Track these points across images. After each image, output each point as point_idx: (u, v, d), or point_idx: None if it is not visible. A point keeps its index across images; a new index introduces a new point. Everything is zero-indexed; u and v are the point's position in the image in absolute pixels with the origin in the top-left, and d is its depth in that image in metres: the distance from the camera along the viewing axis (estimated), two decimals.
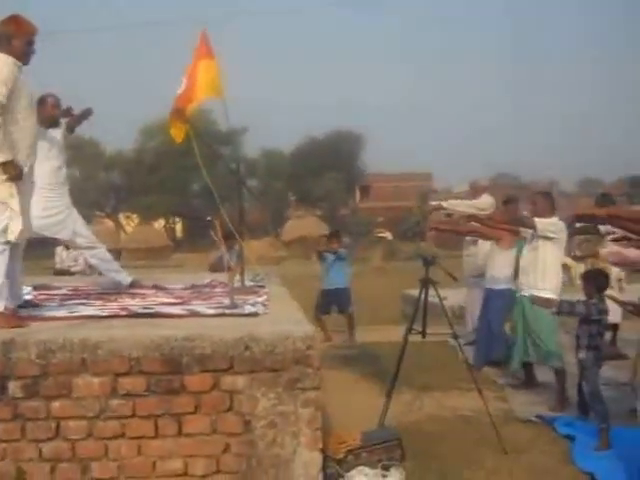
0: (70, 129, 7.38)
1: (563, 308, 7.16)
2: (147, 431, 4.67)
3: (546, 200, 8.24)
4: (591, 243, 9.55)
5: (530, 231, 8.05)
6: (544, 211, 8.08)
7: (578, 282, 11.03)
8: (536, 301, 7.68)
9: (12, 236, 5.27)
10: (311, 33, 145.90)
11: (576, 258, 12.25)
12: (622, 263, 7.02)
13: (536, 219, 7.90)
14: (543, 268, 7.85)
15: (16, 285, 5.75)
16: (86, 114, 7.45)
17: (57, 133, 7.21)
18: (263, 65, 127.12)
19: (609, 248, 7.37)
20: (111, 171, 57.06)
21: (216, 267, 11.62)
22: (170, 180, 52.33)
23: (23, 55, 5.48)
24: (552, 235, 7.87)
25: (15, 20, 5.55)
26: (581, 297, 7.09)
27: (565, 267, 9.51)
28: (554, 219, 8.00)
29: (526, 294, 7.97)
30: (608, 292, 7.35)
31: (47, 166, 7.02)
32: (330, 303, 11.89)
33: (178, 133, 7.07)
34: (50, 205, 7.08)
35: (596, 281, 7.06)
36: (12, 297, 5.69)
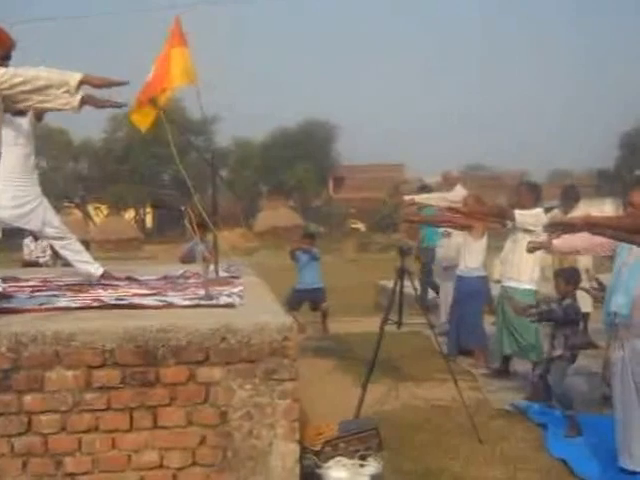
0: (39, 117, 7.24)
1: (542, 316, 7.24)
2: (122, 424, 4.59)
3: (530, 191, 8.36)
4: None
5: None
6: (527, 202, 8.18)
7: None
8: (516, 310, 7.70)
9: None
10: (282, 21, 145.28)
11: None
12: (570, 251, 7.10)
13: (516, 211, 7.96)
14: (520, 260, 7.94)
15: None
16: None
17: (24, 121, 7.00)
18: (233, 53, 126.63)
19: (561, 239, 7.42)
20: (80, 161, 56.57)
21: (186, 258, 11.57)
22: (140, 170, 52.03)
23: None
24: (531, 227, 7.94)
25: None
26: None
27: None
28: (536, 210, 8.07)
29: (506, 285, 8.02)
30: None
31: (15, 154, 6.84)
32: (302, 301, 11.90)
33: (143, 120, 6.95)
34: (19, 194, 6.93)
35: (572, 279, 7.13)
36: None
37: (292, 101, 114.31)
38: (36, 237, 15.33)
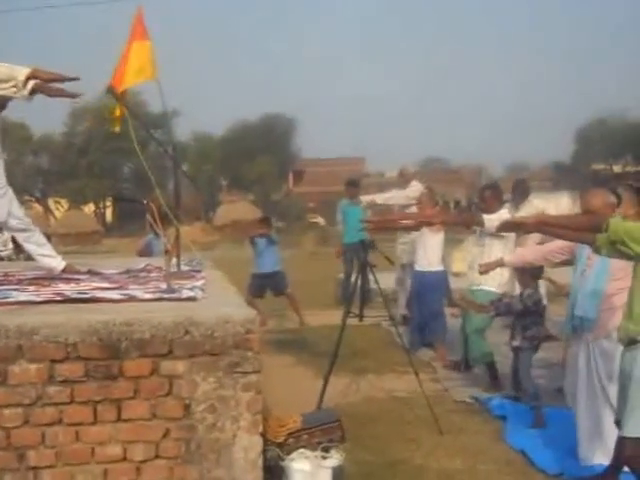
0: (1, 105, 7.10)
1: (500, 310, 7.33)
2: (85, 417, 4.58)
3: (494, 194, 8.29)
4: None
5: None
6: (492, 206, 8.11)
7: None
8: (471, 307, 7.75)
9: None
10: (240, 13, 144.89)
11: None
12: (522, 265, 7.16)
13: (485, 217, 7.81)
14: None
15: None
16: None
17: None
18: (193, 46, 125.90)
19: (512, 255, 7.51)
20: (40, 155, 56.09)
21: (143, 252, 11.56)
22: (99, 164, 51.72)
23: None
24: (499, 232, 7.85)
25: None
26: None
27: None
28: (502, 212, 8.04)
29: (474, 289, 8.05)
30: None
31: None
32: (264, 286, 11.94)
33: (117, 122, 6.88)
34: None
35: (531, 271, 7.21)
36: None
37: (252, 95, 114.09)
38: None
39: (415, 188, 11.12)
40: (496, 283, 7.77)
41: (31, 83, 5.12)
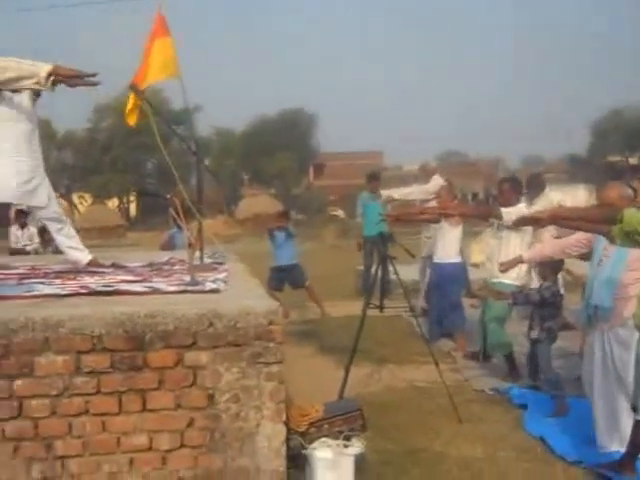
0: (37, 92, 7.19)
1: (519, 300, 7.38)
2: (111, 407, 4.67)
3: (512, 187, 8.26)
4: None
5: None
6: (510, 199, 8.09)
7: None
8: (491, 294, 7.77)
9: None
10: (258, 11, 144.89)
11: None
12: (541, 259, 7.18)
13: (503, 210, 7.84)
14: (506, 257, 7.77)
15: None
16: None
17: (24, 97, 6.96)
18: (214, 44, 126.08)
19: (531, 250, 7.53)
20: (64, 151, 56.45)
21: (166, 246, 11.68)
22: (123, 159, 52.07)
23: None
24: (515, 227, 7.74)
25: None
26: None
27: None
28: (520, 206, 8.03)
29: (493, 281, 8.04)
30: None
31: (17, 130, 6.89)
32: (282, 279, 12.01)
33: (132, 116, 6.96)
34: (24, 169, 6.93)
35: (552, 264, 7.24)
36: None
37: (272, 90, 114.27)
38: (22, 225, 15.40)
39: (435, 182, 11.17)
40: (514, 275, 7.77)
41: (52, 79, 5.25)
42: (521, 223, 6.86)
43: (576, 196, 10.72)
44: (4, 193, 6.91)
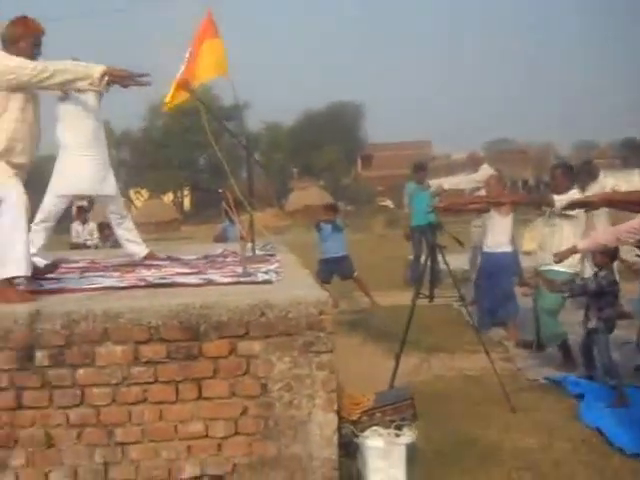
0: (100, 91, 7.39)
1: (575, 291, 7.34)
2: (168, 396, 4.80)
3: (565, 175, 8.19)
4: None
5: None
6: (562, 186, 8.03)
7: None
8: (547, 284, 7.70)
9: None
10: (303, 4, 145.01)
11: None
12: (596, 248, 7.13)
13: (555, 197, 7.84)
14: (559, 245, 7.76)
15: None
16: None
17: (89, 96, 7.23)
18: (258, 39, 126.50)
19: (585, 240, 7.48)
20: (121, 149, 57.36)
21: (220, 239, 11.84)
22: (177, 156, 52.87)
23: (30, 57, 5.46)
24: (570, 212, 7.78)
25: (23, 21, 5.56)
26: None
27: None
28: (572, 192, 7.97)
29: (545, 269, 8.00)
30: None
31: (83, 127, 7.22)
32: (330, 271, 12.08)
33: (170, 100, 7.10)
34: (95, 162, 7.26)
35: (609, 251, 7.19)
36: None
37: (317, 83, 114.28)
38: (83, 221, 15.79)
39: (483, 172, 11.15)
40: (567, 263, 7.71)
41: (105, 79, 5.44)
42: (572, 207, 6.85)
43: (631, 182, 10.54)
44: (82, 185, 7.28)
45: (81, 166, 7.18)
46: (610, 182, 10.69)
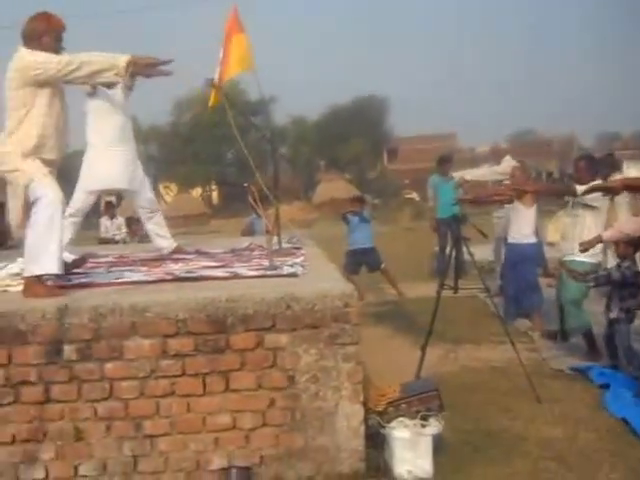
0: (129, 86, 7.47)
1: (600, 281, 7.32)
2: (196, 389, 4.86)
3: (587, 165, 8.14)
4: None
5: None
6: (586, 177, 7.95)
7: None
8: (572, 274, 7.66)
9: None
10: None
11: None
12: (620, 237, 7.09)
13: (577, 187, 7.78)
14: (581, 235, 7.76)
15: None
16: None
17: (117, 92, 7.37)
18: (282, 34, 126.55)
19: (609, 230, 7.44)
20: (149, 144, 57.74)
21: (247, 232, 11.91)
22: (204, 150, 53.17)
23: (54, 52, 5.51)
24: (592, 203, 7.78)
25: (45, 17, 5.60)
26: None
27: None
28: (595, 183, 7.75)
29: (567, 259, 7.96)
30: None
31: (112, 123, 7.33)
32: (358, 263, 12.13)
33: (214, 101, 7.22)
34: (123, 158, 7.37)
35: (632, 241, 7.17)
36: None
37: (343, 77, 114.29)
38: (112, 216, 15.96)
39: (506, 164, 11.12)
40: (589, 253, 7.68)
41: (131, 68, 5.48)
42: (592, 191, 6.84)
43: None
44: (110, 181, 7.40)
45: (110, 162, 7.28)
46: (633, 173, 10.65)
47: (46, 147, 5.49)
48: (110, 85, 7.02)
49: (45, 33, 5.53)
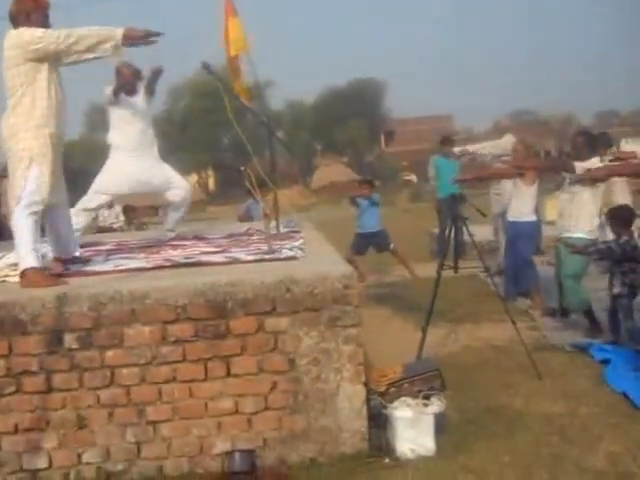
0: (151, 92, 7.85)
1: (602, 252, 7.32)
2: (197, 374, 4.87)
3: (585, 140, 8.14)
4: None
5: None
6: (583, 152, 7.98)
7: None
8: (573, 248, 7.65)
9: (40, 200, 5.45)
10: None
11: None
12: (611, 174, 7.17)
13: (576, 163, 7.81)
14: (579, 212, 7.81)
15: (63, 241, 6.00)
16: (157, 73, 7.76)
17: (137, 99, 7.73)
18: (278, 18, 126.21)
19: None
20: None
21: (244, 217, 11.92)
22: (200, 137, 53.06)
23: (42, 28, 5.52)
24: (576, 184, 7.81)
25: None
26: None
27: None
28: (594, 160, 7.93)
29: (565, 236, 7.97)
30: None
31: (131, 130, 7.61)
32: (367, 245, 12.16)
33: (244, 94, 7.35)
34: (137, 163, 7.63)
35: (622, 217, 7.21)
36: (61, 252, 6.00)
37: (338, 60, 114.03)
38: (109, 205, 15.97)
39: (507, 139, 11.12)
40: (586, 230, 7.74)
41: (127, 41, 5.54)
42: (580, 182, 6.92)
43: None
44: (124, 187, 7.76)
45: (130, 167, 7.56)
46: (630, 149, 10.66)
47: (50, 120, 5.49)
48: (131, 92, 7.55)
49: (33, 12, 5.55)
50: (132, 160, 7.57)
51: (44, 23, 5.58)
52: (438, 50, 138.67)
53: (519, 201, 9.53)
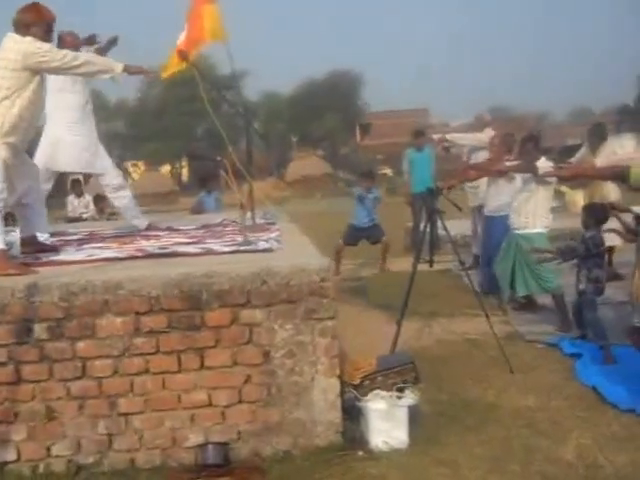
0: None
1: (566, 256, 7.39)
2: (171, 366, 4.83)
3: (535, 144, 8.42)
4: None
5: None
6: (534, 155, 8.23)
7: (573, 208, 11.39)
8: (541, 259, 7.73)
9: None
10: None
11: (572, 186, 12.49)
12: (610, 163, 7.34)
13: (539, 165, 8.01)
14: (535, 208, 8.08)
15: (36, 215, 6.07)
16: (112, 42, 7.63)
17: None
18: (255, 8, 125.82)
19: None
20: (116, 120, 57.16)
21: (196, 210, 11.92)
22: (174, 126, 52.70)
23: (44, 42, 5.57)
24: (549, 180, 8.03)
25: (35, 8, 5.68)
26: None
27: (559, 193, 9.73)
28: (542, 160, 8.17)
29: (520, 232, 8.16)
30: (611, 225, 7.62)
31: (72, 101, 7.33)
32: (358, 237, 12.33)
33: (167, 68, 7.13)
34: (79, 140, 7.36)
35: (596, 214, 7.29)
36: (37, 229, 6.08)
37: (316, 52, 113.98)
38: (79, 194, 15.82)
39: (487, 134, 11.12)
40: (542, 225, 7.94)
41: (124, 74, 5.87)
42: (545, 177, 7.14)
43: (622, 146, 10.49)
44: (70, 162, 7.46)
45: (71, 146, 7.32)
46: (608, 145, 10.70)
47: (19, 130, 5.50)
48: None
49: (34, 24, 5.58)
50: (74, 138, 7.34)
51: (44, 37, 5.62)
52: (417, 45, 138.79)
53: (499, 197, 9.53)
